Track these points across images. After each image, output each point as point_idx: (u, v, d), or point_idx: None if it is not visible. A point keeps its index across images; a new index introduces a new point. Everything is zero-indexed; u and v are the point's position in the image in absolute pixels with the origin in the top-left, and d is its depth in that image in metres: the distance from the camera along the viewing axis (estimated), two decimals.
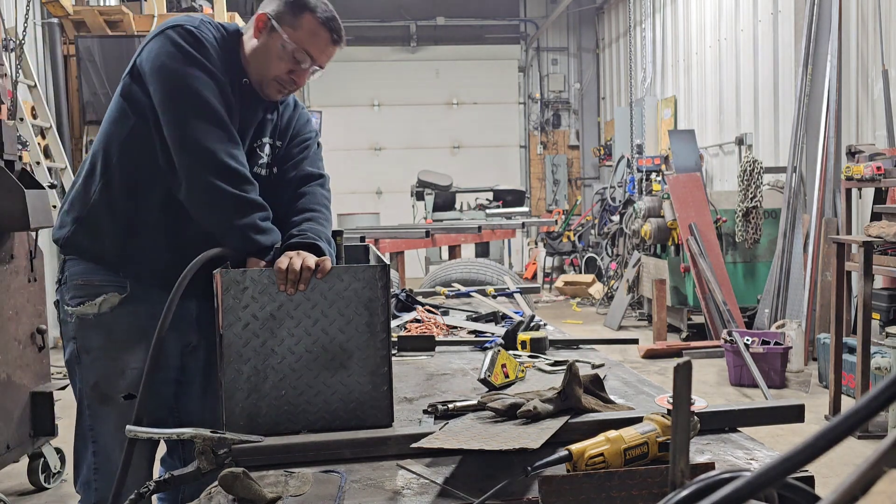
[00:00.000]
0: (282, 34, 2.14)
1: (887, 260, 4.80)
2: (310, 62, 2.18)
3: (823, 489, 0.87)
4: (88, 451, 2.23)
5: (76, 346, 2.22)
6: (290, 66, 2.17)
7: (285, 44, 2.14)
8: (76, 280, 2.21)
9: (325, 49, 2.19)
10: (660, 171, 9.15)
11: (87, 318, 2.19)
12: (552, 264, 12.81)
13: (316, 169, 2.38)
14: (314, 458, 1.69)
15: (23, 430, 3.78)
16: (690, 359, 0.95)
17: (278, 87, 2.21)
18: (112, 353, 2.18)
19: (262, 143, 2.29)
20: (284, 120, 2.36)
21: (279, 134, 2.35)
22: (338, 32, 2.20)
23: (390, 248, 5.95)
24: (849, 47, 6.83)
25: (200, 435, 1.68)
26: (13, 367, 3.72)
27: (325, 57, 2.20)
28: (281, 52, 2.15)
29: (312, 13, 2.15)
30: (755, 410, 1.86)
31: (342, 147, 14.35)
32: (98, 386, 2.20)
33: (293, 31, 2.15)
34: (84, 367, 2.21)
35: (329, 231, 2.22)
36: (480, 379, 2.14)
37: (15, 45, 5.76)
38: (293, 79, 2.20)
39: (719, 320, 7.10)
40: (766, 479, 0.70)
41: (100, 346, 2.19)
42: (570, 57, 15.61)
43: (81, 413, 2.25)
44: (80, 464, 2.26)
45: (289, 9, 2.16)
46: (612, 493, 1.36)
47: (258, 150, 2.29)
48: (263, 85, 2.21)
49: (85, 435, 2.24)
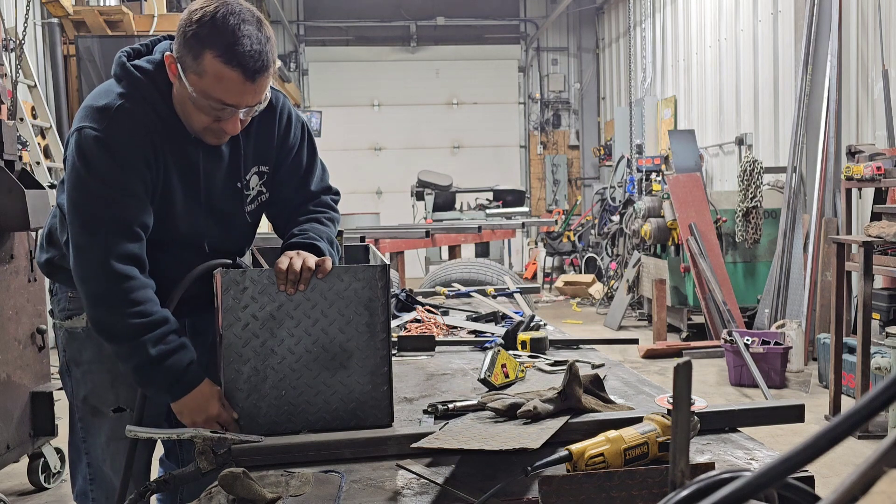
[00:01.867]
0: (187, 85, 1.83)
1: (887, 260, 4.80)
2: (232, 109, 1.86)
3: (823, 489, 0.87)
4: (83, 462, 2.20)
5: (66, 358, 2.18)
6: (209, 117, 1.88)
7: (193, 96, 1.84)
8: (66, 292, 2.16)
9: (240, 90, 1.83)
10: (660, 171, 9.15)
11: (76, 332, 2.14)
12: (552, 264, 12.81)
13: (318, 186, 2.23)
14: (314, 458, 1.69)
15: (23, 430, 3.78)
16: (690, 359, 0.94)
17: (213, 136, 1.94)
18: (101, 366, 2.12)
19: (246, 182, 2.09)
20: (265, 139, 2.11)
21: (262, 158, 2.12)
22: (250, 64, 1.80)
23: (390, 248, 5.95)
24: (849, 47, 6.82)
25: (200, 435, 1.68)
26: (13, 367, 3.72)
27: (247, 97, 1.85)
28: (195, 104, 1.86)
29: (212, 51, 1.79)
30: (755, 410, 1.86)
31: (342, 147, 14.35)
32: (88, 399, 2.16)
33: (198, 78, 1.82)
34: (74, 380, 2.17)
35: (332, 231, 2.17)
36: (480, 379, 2.14)
37: (15, 45, 5.76)
38: (222, 129, 1.91)
39: (719, 320, 7.10)
40: (766, 479, 0.70)
41: (89, 359, 2.14)
42: (570, 57, 15.61)
43: (74, 425, 2.21)
44: (76, 474, 2.24)
45: (188, 51, 1.82)
46: (612, 493, 1.36)
47: (244, 191, 2.09)
48: (199, 136, 1.95)
49: (78, 446, 2.21)
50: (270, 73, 1.87)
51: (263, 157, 2.12)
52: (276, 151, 2.14)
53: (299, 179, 2.19)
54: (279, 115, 2.13)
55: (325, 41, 15.18)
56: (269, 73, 1.87)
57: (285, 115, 2.14)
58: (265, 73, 1.85)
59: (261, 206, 2.17)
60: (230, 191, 2.07)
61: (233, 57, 1.79)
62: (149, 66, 1.94)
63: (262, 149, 2.11)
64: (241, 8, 1.84)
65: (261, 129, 2.10)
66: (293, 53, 14.91)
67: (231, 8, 1.82)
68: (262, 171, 2.12)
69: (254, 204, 2.14)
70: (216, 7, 1.81)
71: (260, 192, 2.15)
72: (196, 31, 1.80)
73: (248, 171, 2.09)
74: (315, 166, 2.23)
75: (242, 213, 2.12)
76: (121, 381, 2.12)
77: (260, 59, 1.82)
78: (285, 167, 2.16)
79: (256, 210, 2.16)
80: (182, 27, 1.83)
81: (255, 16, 1.86)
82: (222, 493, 1.46)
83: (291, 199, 2.20)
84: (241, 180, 2.08)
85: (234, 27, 1.80)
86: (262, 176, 2.13)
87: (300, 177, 2.19)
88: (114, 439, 2.13)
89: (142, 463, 2.19)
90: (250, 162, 2.09)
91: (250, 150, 2.09)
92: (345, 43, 15.22)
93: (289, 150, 2.16)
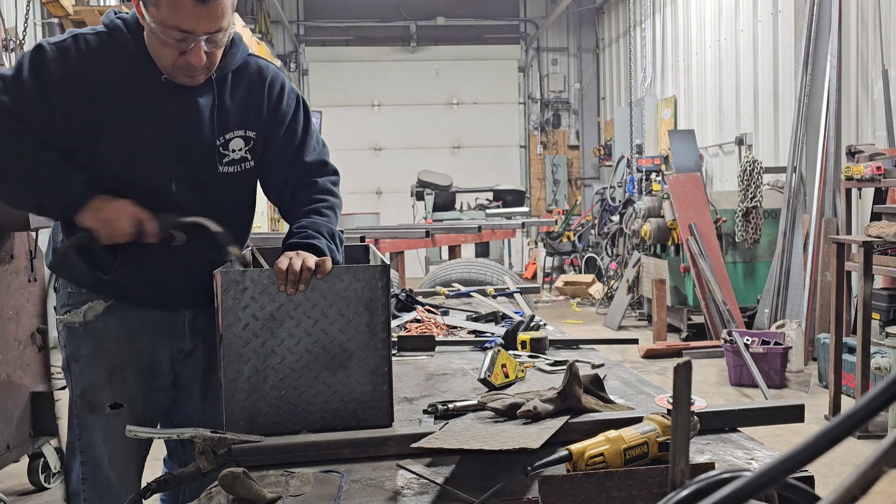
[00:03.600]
0: (148, 20, 1.91)
1: (887, 260, 4.80)
2: (191, 37, 1.90)
3: (823, 489, 0.87)
4: (76, 461, 2.18)
5: (66, 354, 2.18)
6: (174, 50, 1.92)
7: (154, 29, 1.90)
8: (67, 288, 2.16)
9: (193, 15, 1.87)
10: (660, 171, 9.15)
11: (74, 328, 2.14)
12: (552, 264, 12.81)
13: (313, 157, 2.22)
14: (314, 458, 1.69)
15: (23, 430, 3.78)
16: (690, 359, 0.95)
17: (185, 73, 1.98)
18: (98, 361, 2.13)
19: (225, 141, 2.10)
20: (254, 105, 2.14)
21: (249, 123, 2.13)
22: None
23: (390, 248, 5.95)
24: (849, 47, 6.83)
25: (200, 435, 1.68)
26: (13, 367, 3.72)
27: (203, 22, 1.89)
28: (160, 38, 1.91)
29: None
30: (755, 410, 1.86)
31: (342, 147, 14.33)
32: (85, 395, 2.15)
33: (156, 9, 1.89)
34: (73, 376, 2.16)
35: (333, 220, 2.15)
36: (480, 379, 2.14)
37: (15, 45, 5.76)
38: (189, 62, 1.94)
39: (719, 320, 7.10)
40: (766, 479, 0.70)
41: (87, 354, 2.14)
42: (570, 57, 15.61)
43: (71, 423, 2.20)
44: (69, 474, 2.22)
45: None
46: (611, 493, 1.36)
47: (221, 150, 2.10)
48: (172, 76, 1.99)
49: (73, 445, 2.19)
50: None
51: (250, 123, 2.13)
52: (267, 119, 2.15)
53: (294, 150, 2.19)
54: (270, 84, 2.16)
55: (325, 41, 15.18)
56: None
57: (277, 85, 2.17)
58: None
59: (243, 173, 2.15)
60: (206, 147, 2.08)
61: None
62: (128, 16, 2.04)
63: (249, 113, 2.12)
64: None
65: (249, 94, 2.13)
66: (293, 53, 14.91)
67: None
68: (248, 136, 2.13)
69: (232, 167, 2.13)
70: None
71: (244, 159, 2.14)
72: None
73: (228, 130, 2.10)
74: (310, 138, 2.22)
75: (215, 171, 2.10)
76: (117, 378, 2.12)
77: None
78: (279, 138, 2.17)
79: (236, 175, 2.14)
80: None
81: None
82: (222, 493, 1.46)
83: (287, 170, 2.19)
84: (218, 138, 2.08)
85: None
86: (247, 141, 2.13)
87: (294, 147, 2.19)
88: (111, 437, 2.12)
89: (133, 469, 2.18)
90: (232, 123, 2.10)
91: (233, 110, 2.10)
92: (345, 43, 15.22)
93: (281, 119, 2.17)
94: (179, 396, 2.28)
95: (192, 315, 2.20)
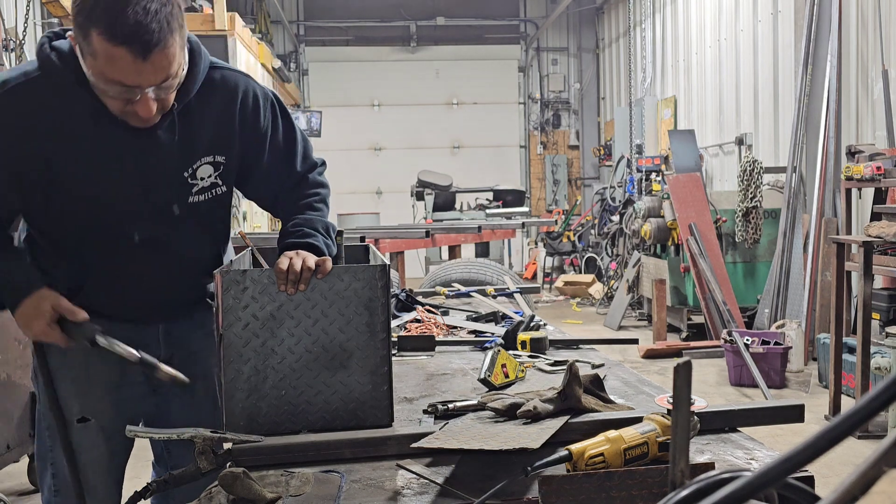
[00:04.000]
0: (86, 70, 1.70)
1: (887, 260, 4.80)
2: (136, 90, 1.68)
3: (823, 489, 0.87)
4: (48, 472, 2.11)
5: (33, 364, 2.11)
6: (119, 100, 1.72)
7: (94, 81, 1.70)
8: None
9: (134, 70, 1.64)
10: (660, 171, 9.16)
11: None
12: (552, 264, 12.81)
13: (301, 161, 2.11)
14: (314, 458, 1.69)
15: (23, 430, 3.79)
16: (690, 359, 0.94)
17: (135, 118, 1.77)
18: (65, 374, 2.05)
19: (193, 171, 1.95)
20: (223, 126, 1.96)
21: (219, 147, 1.96)
22: (136, 40, 1.60)
23: (390, 248, 5.95)
24: (849, 47, 6.83)
25: (200, 435, 1.68)
26: (13, 367, 3.72)
27: (147, 76, 1.67)
28: (101, 89, 1.71)
29: (96, 28, 1.62)
30: (755, 410, 1.86)
31: (342, 147, 14.35)
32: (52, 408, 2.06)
33: (93, 60, 1.66)
34: (40, 388, 2.09)
35: (325, 213, 2.10)
36: (480, 379, 2.14)
37: (15, 45, 5.76)
38: (136, 111, 1.73)
39: (719, 320, 7.10)
40: (766, 479, 0.70)
41: (53, 367, 2.05)
42: (569, 57, 15.61)
43: (41, 434, 2.13)
44: (42, 486, 2.15)
45: (79, 31, 1.66)
46: (611, 493, 1.36)
47: (189, 180, 1.95)
48: (123, 118, 1.78)
49: (44, 456, 2.12)
50: (170, 44, 1.66)
51: (220, 146, 1.97)
52: (241, 139, 1.99)
53: (282, 163, 2.09)
54: (241, 101, 1.97)
55: (325, 41, 15.19)
56: (168, 45, 1.65)
57: (250, 98, 1.99)
58: (160, 47, 1.63)
59: (214, 200, 2.03)
60: (173, 179, 1.94)
61: (116, 33, 1.60)
62: (65, 43, 1.81)
63: (218, 137, 1.96)
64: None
65: (216, 114, 1.94)
66: (293, 53, 14.91)
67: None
68: (217, 161, 1.97)
69: (202, 196, 1.99)
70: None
71: (214, 184, 2.00)
72: (81, 5, 1.65)
73: (195, 159, 1.94)
74: (296, 145, 2.11)
75: (185, 204, 1.98)
76: (84, 390, 2.06)
77: (148, 33, 1.61)
78: (264, 156, 2.05)
79: (207, 203, 2.01)
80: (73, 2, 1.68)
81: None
82: (222, 493, 1.46)
83: (279, 182, 2.11)
84: (186, 169, 1.94)
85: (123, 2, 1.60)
86: (217, 167, 1.98)
87: (282, 160, 2.09)
88: (81, 450, 2.06)
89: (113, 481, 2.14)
90: (199, 150, 1.94)
91: (200, 136, 1.93)
92: (345, 43, 15.22)
93: (263, 137, 2.03)
94: (161, 403, 2.19)
95: (166, 326, 2.14)
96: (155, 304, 2.10)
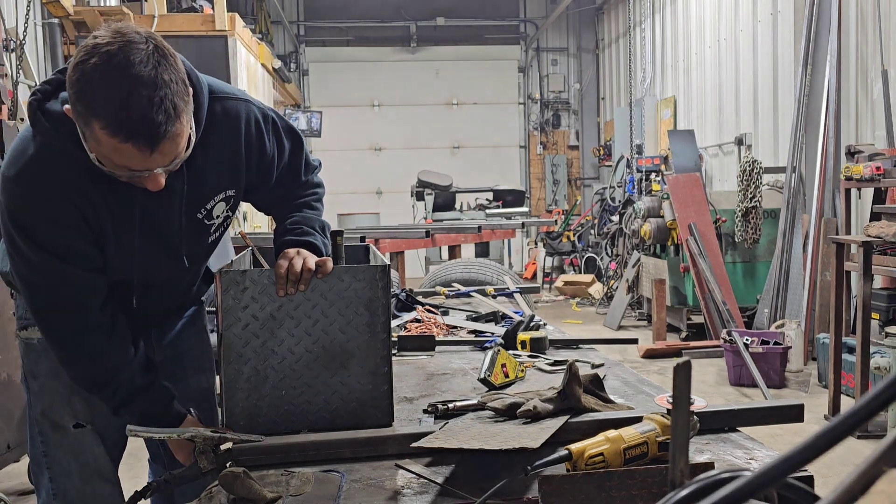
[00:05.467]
0: (88, 151, 1.61)
1: (887, 260, 4.80)
2: (144, 172, 1.61)
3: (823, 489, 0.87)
4: (45, 476, 2.10)
5: (24, 369, 2.12)
6: (126, 178, 1.65)
7: (97, 163, 1.62)
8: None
9: (142, 159, 1.57)
10: (659, 171, 9.16)
11: (32, 343, 2.07)
12: (552, 264, 12.81)
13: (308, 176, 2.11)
14: (314, 457, 1.69)
15: (23, 431, 3.78)
16: (690, 358, 0.95)
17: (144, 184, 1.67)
18: (57, 380, 2.04)
19: (208, 211, 1.91)
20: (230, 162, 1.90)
21: (230, 182, 1.92)
22: (143, 135, 1.52)
23: (390, 248, 5.95)
24: (848, 47, 6.83)
25: (200, 434, 1.68)
26: (13, 366, 3.72)
27: (155, 161, 1.58)
28: (107, 168, 1.63)
29: (98, 122, 1.52)
30: (755, 410, 1.86)
31: (342, 147, 14.36)
32: (46, 413, 2.08)
33: (97, 145, 1.57)
34: (33, 394, 2.10)
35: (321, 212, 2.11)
36: (480, 379, 2.14)
37: (15, 45, 5.75)
38: (144, 186, 1.65)
39: (719, 320, 7.10)
40: (766, 479, 0.71)
41: (45, 372, 2.06)
42: (569, 57, 15.61)
43: (34, 438, 2.13)
44: (39, 490, 2.15)
45: (78, 116, 1.56)
46: (611, 492, 1.36)
47: (205, 221, 1.92)
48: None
49: (39, 461, 2.11)
50: (178, 131, 1.58)
51: (229, 182, 1.92)
52: (249, 169, 1.94)
53: (292, 177, 2.08)
54: (245, 132, 1.89)
55: (325, 41, 15.18)
56: (176, 132, 1.58)
57: (252, 128, 1.91)
58: (167, 137, 1.55)
59: (224, 228, 2.04)
60: (188, 225, 1.89)
61: (120, 129, 1.51)
62: (60, 109, 1.68)
63: (226, 174, 1.90)
64: (130, 49, 1.52)
65: (222, 150, 1.86)
66: (293, 54, 14.91)
67: (114, 57, 1.51)
68: (228, 195, 1.94)
69: (218, 232, 2.00)
70: (99, 57, 1.51)
71: (227, 217, 1.99)
72: (79, 91, 1.53)
73: (209, 200, 1.90)
74: (301, 159, 2.09)
75: (204, 244, 2.00)
76: (77, 396, 2.05)
77: (154, 126, 1.52)
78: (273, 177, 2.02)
79: (219, 237, 2.04)
80: (69, 77, 1.56)
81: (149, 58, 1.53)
82: (222, 493, 1.46)
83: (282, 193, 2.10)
84: (200, 211, 1.90)
85: (119, 86, 1.50)
86: (228, 201, 1.95)
87: (292, 175, 2.08)
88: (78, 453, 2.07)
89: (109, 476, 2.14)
90: (209, 192, 1.89)
91: (210, 178, 1.87)
92: (345, 43, 15.22)
93: (270, 162, 1.99)
94: None
95: (157, 331, 2.19)
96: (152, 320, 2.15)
